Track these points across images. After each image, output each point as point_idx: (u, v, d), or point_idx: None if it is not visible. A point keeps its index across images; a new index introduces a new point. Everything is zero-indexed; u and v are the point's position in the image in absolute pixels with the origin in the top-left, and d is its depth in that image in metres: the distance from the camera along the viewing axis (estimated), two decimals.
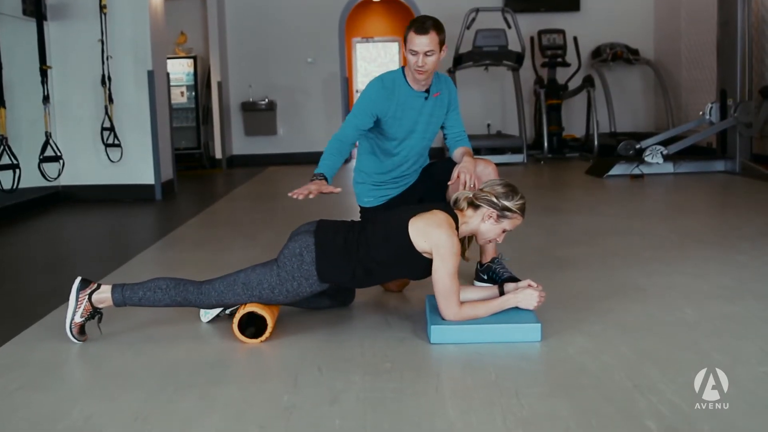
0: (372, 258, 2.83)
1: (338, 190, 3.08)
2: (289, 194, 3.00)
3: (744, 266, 3.84)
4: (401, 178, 3.55)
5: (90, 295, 2.87)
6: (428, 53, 3.22)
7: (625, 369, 2.44)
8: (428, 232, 2.76)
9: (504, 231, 2.98)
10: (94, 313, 2.87)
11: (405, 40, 3.31)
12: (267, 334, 2.83)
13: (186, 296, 2.87)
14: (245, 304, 2.86)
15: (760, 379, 2.33)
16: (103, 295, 2.88)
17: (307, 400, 2.27)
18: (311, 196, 3.00)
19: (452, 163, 3.42)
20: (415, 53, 3.23)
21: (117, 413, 2.23)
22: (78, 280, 2.90)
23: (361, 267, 2.83)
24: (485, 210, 2.93)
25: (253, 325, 2.86)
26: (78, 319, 2.85)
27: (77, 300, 2.86)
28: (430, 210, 2.85)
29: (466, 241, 3.08)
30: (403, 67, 3.43)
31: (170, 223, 6.23)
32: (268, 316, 2.83)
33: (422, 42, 3.22)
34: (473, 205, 2.95)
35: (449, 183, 3.31)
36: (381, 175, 3.54)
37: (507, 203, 2.92)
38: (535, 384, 2.37)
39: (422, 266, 2.82)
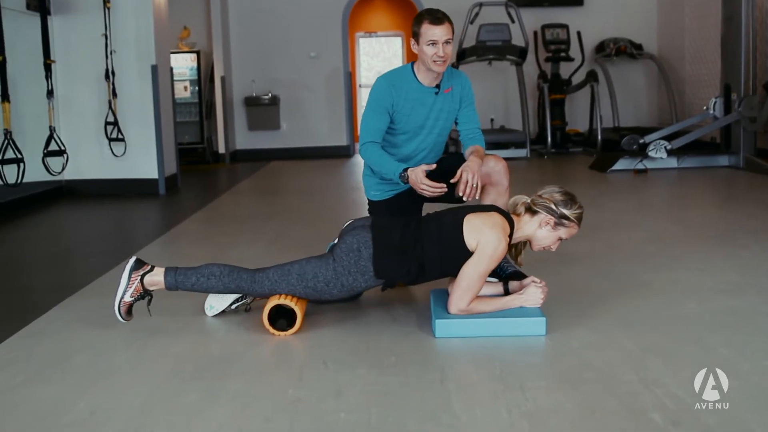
0: (426, 254, 2.81)
1: (433, 166, 3.22)
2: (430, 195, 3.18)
3: (748, 261, 3.84)
4: None
5: (143, 276, 2.87)
6: (447, 42, 3.24)
7: (629, 363, 2.44)
8: (481, 230, 2.75)
9: (560, 239, 2.94)
10: (144, 294, 2.87)
11: (416, 35, 3.30)
12: (297, 326, 2.83)
13: (239, 284, 2.86)
14: (279, 295, 2.85)
15: (765, 373, 2.32)
16: (156, 278, 2.87)
17: (312, 393, 2.28)
18: (429, 184, 3.14)
19: (463, 160, 3.40)
20: (434, 43, 3.23)
21: (122, 406, 2.23)
22: (133, 259, 2.91)
23: (416, 263, 2.81)
24: (543, 216, 2.88)
25: (283, 317, 2.85)
26: (128, 299, 2.84)
27: (129, 279, 2.85)
28: (488, 210, 2.84)
29: (521, 246, 3.05)
30: (411, 64, 3.42)
31: (174, 217, 6.23)
32: (298, 309, 2.83)
33: (441, 31, 3.23)
34: (531, 210, 2.91)
35: (451, 181, 3.30)
36: None
37: (565, 211, 2.87)
38: (540, 378, 2.37)
39: None
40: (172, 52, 9.68)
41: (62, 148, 6.85)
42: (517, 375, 2.37)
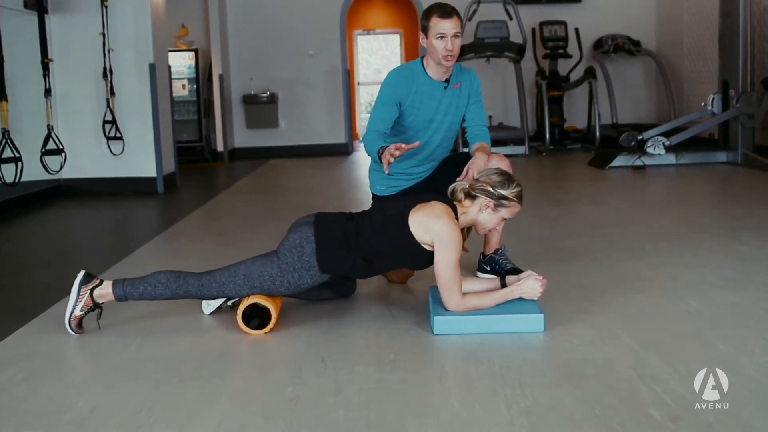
0: (371, 248, 2.83)
1: (417, 143, 3.14)
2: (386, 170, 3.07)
3: (747, 257, 3.84)
4: (416, 168, 3.52)
5: (92, 290, 2.88)
6: (456, 35, 3.25)
7: (628, 359, 2.44)
8: (429, 224, 2.76)
9: (503, 219, 2.98)
10: (95, 307, 2.89)
11: (425, 29, 3.31)
12: (271, 325, 2.84)
13: (187, 289, 2.87)
14: (247, 296, 2.86)
15: (764, 369, 2.33)
16: (105, 290, 2.89)
17: (311, 391, 2.28)
18: (398, 153, 3.00)
19: (469, 157, 3.40)
20: (443, 36, 3.24)
21: (121, 404, 2.23)
22: (81, 274, 2.91)
23: (361, 257, 2.84)
24: (482, 200, 2.92)
25: (257, 317, 2.86)
26: (78, 313, 2.86)
27: (78, 293, 2.87)
28: (428, 201, 2.85)
29: (466, 232, 3.07)
30: (421, 58, 3.43)
31: (172, 215, 6.23)
32: (272, 307, 2.83)
33: (450, 24, 3.25)
34: (470, 195, 2.95)
35: (458, 180, 3.30)
36: (395, 164, 3.51)
37: (503, 192, 2.91)
38: (539, 374, 2.37)
39: (423, 257, 2.83)
40: (170, 51, 9.68)
41: (60, 146, 6.84)
42: (516, 371, 2.37)
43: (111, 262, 4.17)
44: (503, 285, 3.01)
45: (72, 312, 2.86)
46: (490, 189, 2.91)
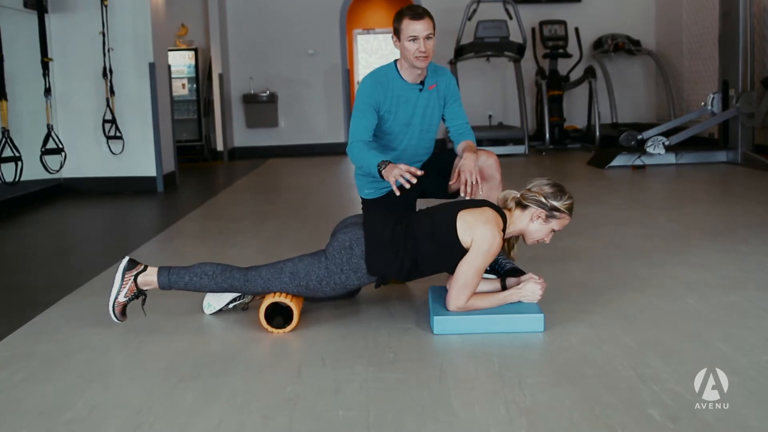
0: (419, 251, 2.81)
1: (422, 172, 3.02)
2: (402, 192, 2.99)
3: (746, 256, 3.84)
4: None
5: (136, 276, 2.87)
6: (428, 37, 3.24)
7: (627, 359, 2.44)
8: (475, 227, 2.75)
9: (553, 231, 2.94)
10: (138, 293, 2.87)
11: (397, 31, 3.30)
12: (293, 324, 2.84)
13: (232, 282, 2.86)
14: (276, 293, 2.85)
15: (763, 368, 2.33)
16: (150, 277, 2.88)
17: (310, 390, 2.28)
18: (414, 180, 2.95)
19: (455, 156, 3.40)
20: (415, 39, 3.23)
21: (121, 404, 2.24)
22: (126, 259, 2.91)
23: (409, 260, 2.81)
24: (534, 210, 2.90)
25: (280, 315, 2.85)
26: (122, 299, 2.85)
27: (123, 279, 2.85)
28: (480, 206, 2.84)
29: (514, 240, 3.06)
30: (395, 62, 3.42)
31: (172, 215, 6.23)
32: (294, 306, 2.83)
33: (421, 26, 3.24)
34: (521, 205, 2.92)
35: (450, 183, 3.31)
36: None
37: (556, 203, 2.88)
38: (538, 374, 2.37)
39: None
40: (170, 50, 9.68)
41: (60, 146, 6.85)
42: (516, 371, 2.37)
43: (111, 262, 4.16)
44: (503, 286, 3.01)
45: (116, 298, 2.84)
46: (543, 199, 2.88)
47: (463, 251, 2.77)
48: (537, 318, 2.75)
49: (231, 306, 3.10)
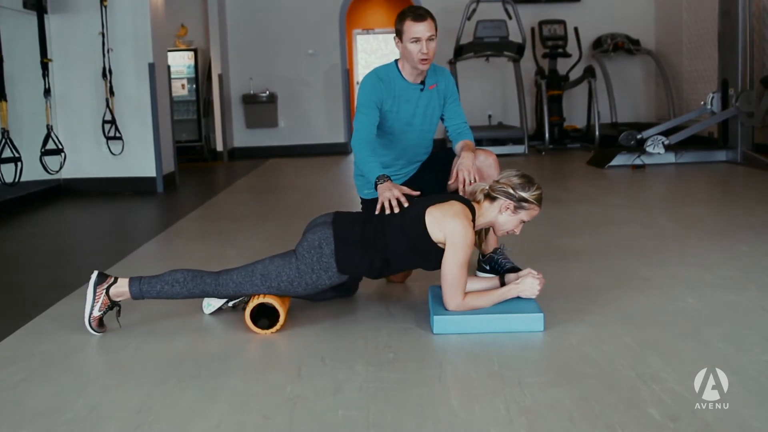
0: (389, 248, 2.83)
1: (417, 193, 3.03)
2: (381, 212, 2.94)
3: (746, 256, 3.84)
4: (400, 170, 3.53)
5: (107, 288, 2.87)
6: (431, 38, 3.24)
7: (627, 358, 2.44)
8: (444, 222, 2.76)
9: (522, 222, 2.96)
10: (113, 305, 2.88)
11: (399, 33, 3.31)
12: (279, 325, 2.84)
13: (204, 288, 2.87)
14: (257, 295, 2.85)
15: (763, 368, 2.33)
16: (121, 288, 2.88)
17: (310, 390, 2.28)
18: (405, 204, 2.93)
19: (454, 155, 3.41)
20: (417, 40, 3.24)
21: (121, 404, 2.24)
22: (95, 274, 2.90)
23: (379, 257, 2.83)
24: (502, 201, 2.91)
25: (265, 316, 2.85)
26: (96, 313, 2.85)
27: (95, 294, 2.86)
28: (447, 200, 2.85)
29: (483, 233, 3.07)
30: (395, 61, 3.43)
31: (172, 215, 6.23)
32: (280, 307, 2.83)
33: (423, 28, 3.24)
34: (490, 197, 2.94)
35: (449, 183, 3.31)
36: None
37: (524, 194, 2.90)
38: (538, 373, 2.37)
39: (436, 256, 2.81)
40: (170, 50, 9.68)
41: (60, 146, 6.85)
42: (516, 371, 2.37)
43: (111, 262, 4.17)
44: (502, 284, 3.01)
45: (91, 313, 2.85)
46: (511, 191, 2.90)
47: (434, 246, 2.78)
48: (537, 317, 2.75)
49: (231, 305, 3.10)
